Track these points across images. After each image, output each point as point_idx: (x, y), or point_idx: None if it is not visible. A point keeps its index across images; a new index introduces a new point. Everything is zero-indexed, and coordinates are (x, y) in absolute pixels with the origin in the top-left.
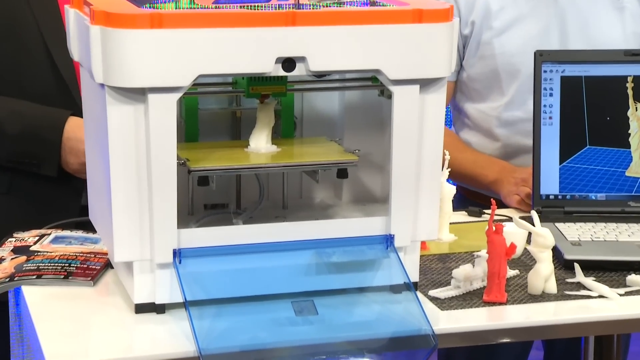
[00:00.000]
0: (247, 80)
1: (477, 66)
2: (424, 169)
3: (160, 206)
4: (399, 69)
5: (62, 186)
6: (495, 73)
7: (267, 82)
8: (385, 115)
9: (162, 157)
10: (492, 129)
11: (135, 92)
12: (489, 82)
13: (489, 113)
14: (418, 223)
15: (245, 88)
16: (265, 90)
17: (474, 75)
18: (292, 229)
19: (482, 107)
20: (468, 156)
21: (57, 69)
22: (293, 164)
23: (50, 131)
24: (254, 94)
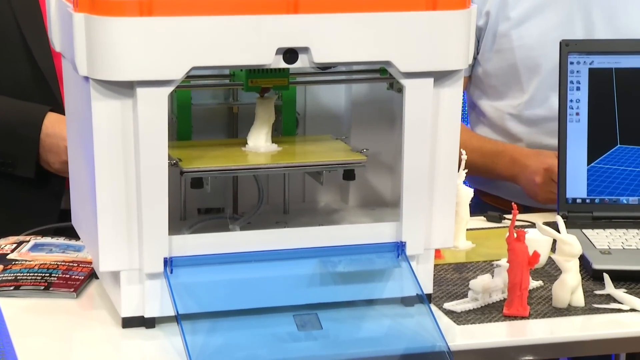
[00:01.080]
0: (245, 72)
1: (493, 61)
2: (439, 170)
3: (149, 211)
4: (411, 60)
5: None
6: (513, 68)
7: (267, 75)
8: (396, 111)
9: (152, 157)
10: (511, 128)
11: (123, 85)
12: (506, 78)
13: (508, 111)
14: (432, 229)
15: (244, 81)
16: (265, 83)
17: (491, 71)
18: (294, 235)
19: (500, 105)
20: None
21: (35, 61)
22: (295, 164)
23: (26, 128)
24: (253, 88)
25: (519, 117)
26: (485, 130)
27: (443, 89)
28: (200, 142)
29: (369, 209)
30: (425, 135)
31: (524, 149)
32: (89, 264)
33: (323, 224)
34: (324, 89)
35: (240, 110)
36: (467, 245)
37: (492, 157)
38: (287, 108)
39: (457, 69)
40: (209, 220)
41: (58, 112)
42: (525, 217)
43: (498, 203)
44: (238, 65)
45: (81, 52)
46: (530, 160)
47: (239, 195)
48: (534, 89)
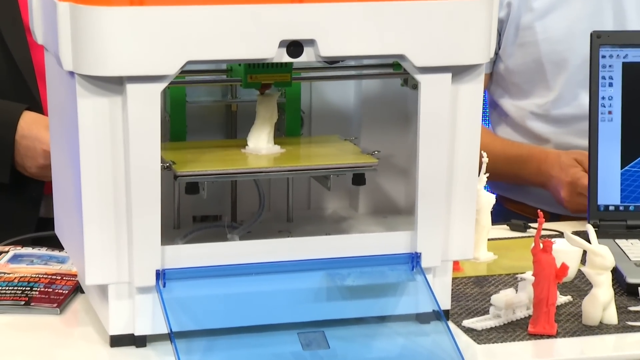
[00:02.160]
0: (244, 67)
1: (516, 56)
2: (457, 174)
3: (140, 218)
4: (426, 54)
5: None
6: (538, 64)
7: (268, 70)
8: (410, 109)
9: (143, 160)
10: (537, 129)
11: (111, 81)
12: (531, 75)
13: (533, 111)
14: (450, 239)
15: (242, 76)
16: (265, 79)
17: (513, 67)
18: (298, 246)
19: (524, 104)
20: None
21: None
22: (299, 167)
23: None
24: (252, 84)
25: (545, 117)
26: (507, 131)
27: (462, 85)
28: (195, 143)
29: (380, 216)
30: (443, 136)
31: (550, 154)
32: (73, 276)
33: (330, 233)
34: (332, 86)
35: (240, 108)
36: (489, 256)
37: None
38: (291, 106)
39: (478, 63)
40: (205, 229)
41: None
42: (552, 225)
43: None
44: (237, 59)
45: (66, 45)
46: (554, 171)
47: (238, 202)
48: (561, 86)
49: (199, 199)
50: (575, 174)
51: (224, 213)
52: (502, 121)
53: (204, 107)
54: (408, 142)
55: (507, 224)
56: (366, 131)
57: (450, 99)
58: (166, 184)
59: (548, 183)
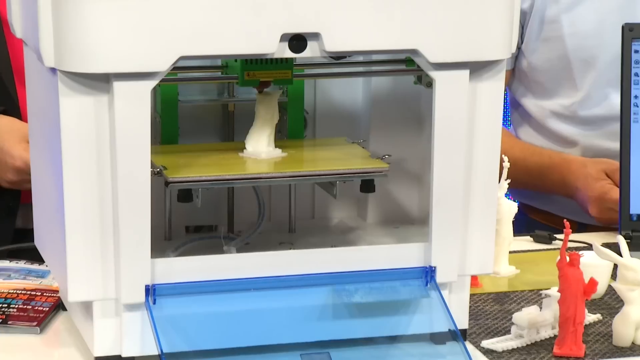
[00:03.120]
0: (240, 63)
1: (540, 51)
2: (476, 180)
3: (128, 229)
4: (442, 48)
5: None
6: (564, 60)
7: (267, 66)
8: (424, 109)
9: (132, 165)
10: (563, 131)
11: (97, 79)
12: (556, 73)
13: (559, 112)
14: (467, 252)
15: (239, 73)
16: (264, 76)
17: (537, 64)
18: (301, 259)
19: (549, 104)
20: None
21: None
22: (303, 173)
23: None
24: (249, 82)
25: (571, 119)
26: (530, 133)
27: (481, 83)
28: (189, 146)
29: (391, 227)
30: (460, 139)
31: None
32: (55, 292)
33: (336, 245)
34: (338, 83)
35: (237, 108)
36: (510, 271)
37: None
38: (294, 106)
39: (498, 59)
40: (199, 240)
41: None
42: (580, 237)
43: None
44: (235, 54)
45: (47, 40)
46: (579, 182)
47: (235, 211)
48: (590, 85)
49: (192, 207)
50: (603, 188)
51: (220, 223)
52: (525, 122)
53: (197, 107)
54: (421, 145)
55: (531, 235)
56: (376, 133)
57: (468, 98)
58: (157, 191)
59: (574, 195)
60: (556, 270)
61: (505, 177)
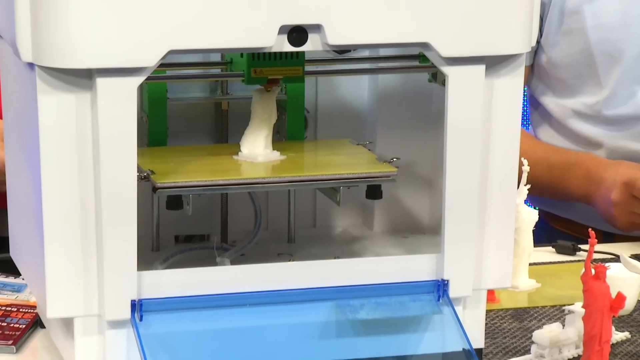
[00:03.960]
0: (247, 58)
1: (561, 45)
2: (493, 185)
3: (113, 239)
4: (455, 41)
5: None
6: (587, 55)
7: (276, 62)
8: (436, 108)
9: (117, 169)
10: (586, 132)
11: (79, 75)
12: (579, 69)
13: (582, 111)
14: (483, 264)
15: (245, 70)
16: (273, 73)
17: (558, 59)
18: (301, 271)
19: (571, 103)
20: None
21: None
22: (303, 178)
23: None
24: (256, 79)
25: (596, 119)
26: (551, 134)
27: (498, 79)
28: (178, 148)
29: (400, 236)
30: (475, 140)
31: (603, 159)
32: (32, 308)
33: (340, 256)
34: (342, 80)
35: (232, 106)
36: (530, 284)
37: (562, 171)
38: (294, 104)
39: (517, 53)
40: (189, 251)
41: None
42: (606, 247)
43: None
44: (229, 48)
45: (24, 32)
46: (607, 173)
47: (229, 219)
48: (615, 82)
49: (182, 215)
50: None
51: (213, 232)
52: (545, 123)
53: (188, 106)
54: (433, 147)
55: (553, 246)
56: (383, 134)
57: (484, 96)
58: (143, 198)
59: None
60: (580, 284)
61: (524, 182)
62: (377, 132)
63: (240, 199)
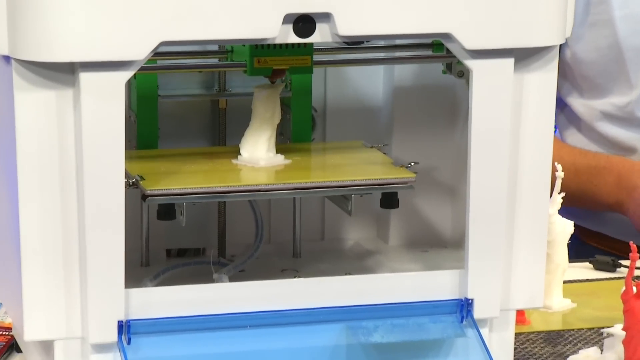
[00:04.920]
0: (250, 45)
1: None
2: (523, 193)
3: (97, 253)
4: (480, 32)
5: None
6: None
7: (282, 51)
8: (460, 106)
9: (102, 174)
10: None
11: (60, 69)
12: (607, 65)
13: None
14: (512, 281)
15: (247, 59)
16: (279, 63)
17: (583, 54)
18: (308, 289)
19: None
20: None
21: None
22: (310, 185)
23: None
24: (260, 70)
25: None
26: (579, 138)
27: (529, 74)
28: (170, 151)
29: (418, 250)
30: (503, 143)
31: (636, 163)
32: (7, 330)
33: (351, 272)
34: (353, 75)
35: (230, 104)
36: (565, 304)
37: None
38: (299, 102)
39: (550, 45)
40: (183, 266)
41: None
42: None
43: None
44: (228, 39)
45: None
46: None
47: (227, 231)
48: None
49: (175, 226)
50: None
51: (209, 245)
52: (572, 125)
53: (182, 104)
54: (456, 150)
55: (590, 261)
56: (399, 135)
57: (513, 93)
58: (132, 207)
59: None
60: (620, 303)
61: (558, 189)
62: (393, 133)
63: (240, 209)
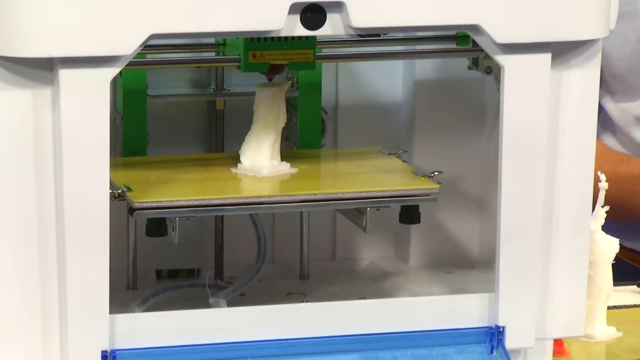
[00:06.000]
0: (244, 40)
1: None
2: (561, 206)
3: (78, 273)
4: (513, 24)
5: None
6: None
7: (280, 44)
8: (490, 107)
9: (84, 184)
10: None
11: (37, 65)
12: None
13: None
14: (549, 307)
15: (242, 53)
16: (277, 57)
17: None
18: (317, 315)
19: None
20: None
21: None
22: (320, 197)
23: None
24: (255, 66)
25: None
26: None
27: (568, 72)
28: (161, 158)
29: (442, 271)
30: (539, 149)
31: None
32: None
33: (366, 296)
34: (368, 72)
35: (229, 105)
36: (609, 333)
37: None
38: (308, 102)
39: (592, 38)
40: (175, 289)
41: None
42: None
43: None
44: (227, 32)
45: None
46: None
47: (225, 249)
48: None
49: (166, 244)
50: None
51: (205, 266)
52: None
53: (173, 105)
54: (485, 157)
55: (638, 284)
56: (421, 141)
57: (550, 92)
58: (118, 222)
59: None
60: None
61: (602, 202)
62: (414, 138)
63: (240, 224)
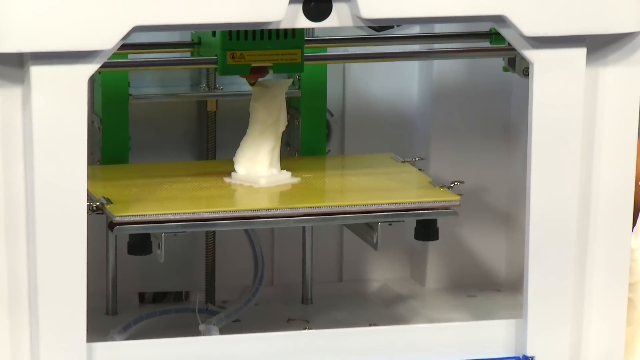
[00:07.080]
0: (220, 37)
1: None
2: (598, 221)
3: (50, 298)
4: (544, 15)
5: None
6: None
7: (263, 43)
8: (516, 110)
9: (57, 195)
10: None
11: (7, 62)
12: None
13: None
14: (584, 334)
15: (218, 54)
16: (258, 58)
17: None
18: (322, 344)
19: None
20: None
21: None
22: (324, 210)
23: None
24: (234, 67)
25: None
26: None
27: (605, 68)
28: (145, 166)
29: (463, 294)
30: (572, 155)
31: None
32: None
33: (377, 323)
34: (379, 71)
35: (222, 106)
36: None
37: None
38: (312, 103)
39: (631, 32)
40: (161, 315)
41: None
42: None
43: None
44: (219, 24)
45: None
46: None
47: (217, 269)
48: None
49: (151, 264)
50: None
51: (194, 288)
52: None
53: (159, 106)
54: (511, 165)
55: None
56: (439, 147)
57: (585, 91)
58: (96, 238)
59: None
60: None
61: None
62: (431, 144)
63: (234, 241)
